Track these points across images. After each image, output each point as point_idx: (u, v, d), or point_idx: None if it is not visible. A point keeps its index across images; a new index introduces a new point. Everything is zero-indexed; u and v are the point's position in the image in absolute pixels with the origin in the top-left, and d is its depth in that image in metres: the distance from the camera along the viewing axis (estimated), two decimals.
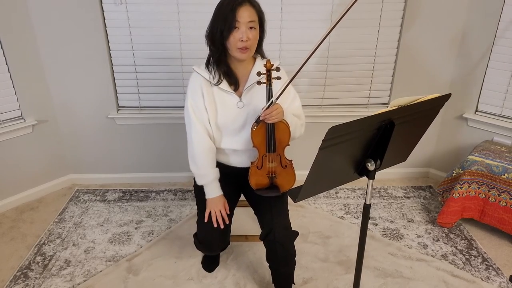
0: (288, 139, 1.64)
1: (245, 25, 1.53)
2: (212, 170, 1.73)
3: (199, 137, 1.69)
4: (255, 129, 1.60)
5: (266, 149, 1.63)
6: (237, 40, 1.54)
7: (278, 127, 1.60)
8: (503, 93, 2.50)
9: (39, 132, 2.63)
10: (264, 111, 1.54)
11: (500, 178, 2.20)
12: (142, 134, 2.76)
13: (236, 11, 1.51)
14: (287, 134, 1.62)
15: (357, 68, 2.66)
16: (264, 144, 1.63)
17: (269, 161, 1.66)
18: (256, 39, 1.60)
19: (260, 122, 1.58)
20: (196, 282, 1.99)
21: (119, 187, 2.84)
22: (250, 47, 1.57)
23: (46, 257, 2.15)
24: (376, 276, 2.02)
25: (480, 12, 2.44)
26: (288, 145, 1.66)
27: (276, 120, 1.56)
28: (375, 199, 2.70)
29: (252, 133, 1.61)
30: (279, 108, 1.56)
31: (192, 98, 1.67)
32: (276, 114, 1.55)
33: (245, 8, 1.52)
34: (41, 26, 2.42)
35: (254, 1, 1.58)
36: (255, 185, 1.72)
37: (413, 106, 1.22)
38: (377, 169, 1.29)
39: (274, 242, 1.64)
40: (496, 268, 2.07)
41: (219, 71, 1.65)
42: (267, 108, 1.54)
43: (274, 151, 1.64)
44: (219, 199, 1.73)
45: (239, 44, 1.54)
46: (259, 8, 1.59)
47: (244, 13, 1.52)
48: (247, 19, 1.52)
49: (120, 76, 2.62)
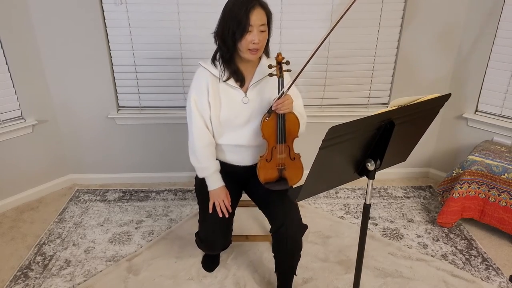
0: (297, 131, 1.69)
1: (257, 28, 1.56)
2: (213, 163, 1.76)
3: (199, 131, 1.72)
4: (267, 120, 1.63)
5: (277, 140, 1.67)
6: (249, 42, 1.57)
7: (288, 118, 1.65)
8: (503, 93, 2.50)
9: (39, 132, 2.63)
10: (276, 101, 1.59)
11: (500, 178, 2.20)
12: (142, 134, 2.76)
13: (249, 14, 1.52)
14: (297, 125, 1.67)
15: (357, 68, 2.66)
16: (274, 135, 1.67)
17: (279, 152, 1.69)
18: (265, 41, 1.64)
19: (272, 112, 1.62)
20: (196, 282, 1.99)
21: (119, 187, 2.84)
22: (260, 48, 1.61)
23: (46, 257, 2.16)
24: (376, 276, 2.02)
25: (480, 12, 2.44)
26: (297, 137, 1.71)
27: (287, 111, 1.61)
28: (375, 199, 2.70)
29: (263, 124, 1.64)
30: (290, 98, 1.61)
31: (196, 93, 1.70)
32: (288, 104, 1.60)
33: (257, 11, 1.54)
34: (42, 26, 2.42)
35: (264, 3, 1.59)
36: (264, 179, 1.74)
37: (413, 106, 1.22)
38: (377, 169, 1.29)
39: (286, 235, 1.67)
40: (496, 268, 2.08)
41: (228, 69, 1.68)
42: (279, 99, 1.58)
43: (284, 142, 1.67)
44: (221, 190, 1.76)
45: (250, 46, 1.57)
46: (269, 10, 1.62)
47: (257, 16, 1.54)
48: (259, 23, 1.55)
49: (120, 76, 2.62)
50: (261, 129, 1.65)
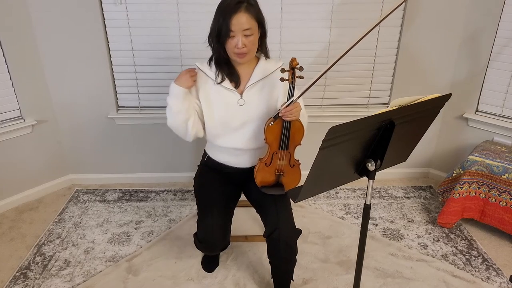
0: (301, 139, 1.66)
1: (240, 33, 1.52)
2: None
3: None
4: (272, 125, 1.60)
5: (280, 146, 1.65)
6: (233, 47, 1.55)
7: (294, 126, 1.62)
8: (504, 93, 2.50)
9: (39, 132, 2.63)
10: (285, 108, 1.55)
11: (500, 178, 2.19)
12: (141, 134, 2.76)
13: (230, 20, 1.50)
14: (301, 134, 1.65)
15: (357, 68, 2.66)
16: (277, 141, 1.64)
17: (280, 158, 1.67)
18: (254, 44, 1.59)
19: (278, 118, 1.59)
20: (196, 282, 1.98)
21: (118, 187, 2.84)
22: (248, 51, 1.58)
23: (46, 257, 2.15)
24: (376, 277, 2.01)
25: (480, 12, 2.43)
26: (300, 145, 1.68)
27: (294, 118, 1.58)
28: (375, 199, 2.69)
29: (267, 129, 1.61)
30: (298, 106, 1.58)
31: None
32: (296, 112, 1.56)
33: (240, 15, 1.50)
34: (41, 26, 2.42)
35: (250, 7, 1.53)
36: (261, 182, 1.73)
37: (414, 106, 1.22)
38: (377, 169, 1.28)
39: (279, 240, 1.65)
40: (497, 269, 2.07)
41: (222, 71, 1.66)
42: (288, 106, 1.54)
43: (286, 149, 1.65)
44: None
45: (235, 50, 1.56)
46: (256, 13, 1.56)
47: (238, 21, 1.50)
48: (242, 27, 1.51)
49: (120, 76, 2.61)
50: (264, 133, 1.62)
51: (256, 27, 1.56)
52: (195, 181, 1.89)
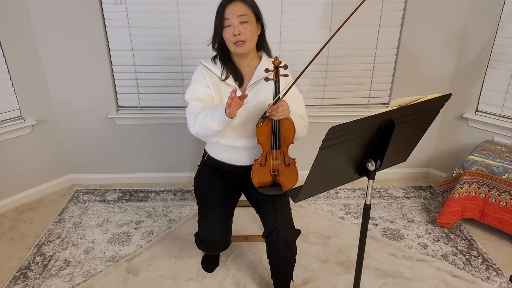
0: (292, 137, 1.66)
1: (236, 20, 1.57)
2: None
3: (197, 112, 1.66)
4: (261, 125, 1.61)
5: (271, 146, 1.65)
6: (230, 35, 1.59)
7: (283, 124, 1.62)
8: (503, 93, 2.50)
9: (39, 132, 2.63)
10: (271, 107, 1.55)
11: (500, 178, 2.19)
12: (141, 134, 2.76)
13: (225, 9, 1.58)
14: (292, 132, 1.64)
15: (357, 68, 2.66)
16: (269, 141, 1.65)
17: (273, 158, 1.67)
18: (253, 33, 1.62)
19: (266, 118, 1.59)
20: (196, 282, 1.98)
21: (118, 187, 2.84)
22: (246, 40, 1.60)
23: (46, 257, 2.15)
24: (376, 277, 2.01)
25: (480, 12, 2.43)
26: (292, 143, 1.68)
27: (282, 117, 1.57)
28: (375, 199, 2.69)
29: (257, 129, 1.62)
30: (285, 104, 1.57)
31: (194, 85, 1.71)
32: (282, 110, 1.56)
33: (234, 4, 1.58)
34: (41, 26, 2.42)
35: None
36: (258, 182, 1.73)
37: (414, 106, 1.22)
38: (377, 169, 1.28)
39: (278, 241, 1.65)
40: (496, 269, 2.07)
41: (226, 68, 1.69)
42: (273, 104, 1.55)
43: (278, 148, 1.65)
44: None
45: (233, 39, 1.59)
46: (252, 4, 1.63)
47: (233, 9, 1.58)
48: (237, 14, 1.58)
49: (120, 76, 2.61)
50: (255, 134, 1.63)
51: (252, 16, 1.61)
52: (195, 181, 1.90)
